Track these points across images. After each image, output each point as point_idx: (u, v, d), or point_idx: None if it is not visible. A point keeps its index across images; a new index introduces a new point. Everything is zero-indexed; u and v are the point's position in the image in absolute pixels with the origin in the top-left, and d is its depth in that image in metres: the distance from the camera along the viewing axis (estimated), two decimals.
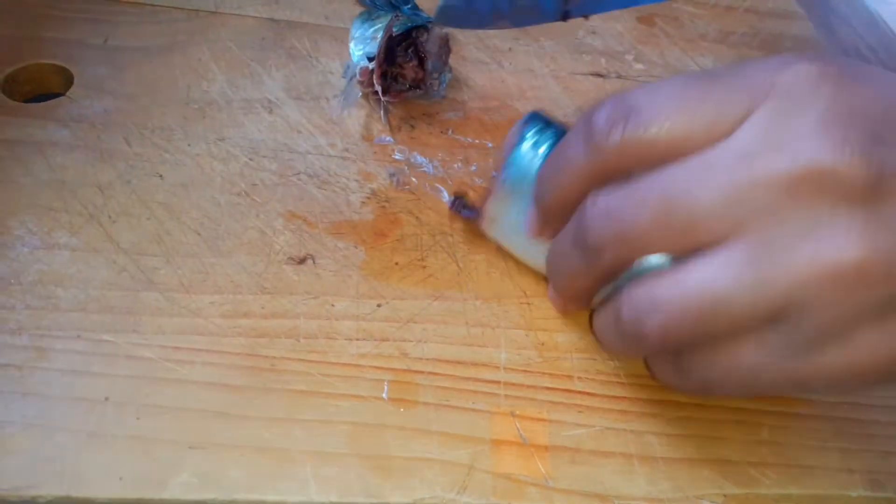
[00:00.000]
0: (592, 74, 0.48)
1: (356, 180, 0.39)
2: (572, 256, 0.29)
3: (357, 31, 0.43)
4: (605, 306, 0.29)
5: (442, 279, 0.35)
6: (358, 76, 0.41)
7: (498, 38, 0.49)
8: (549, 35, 0.50)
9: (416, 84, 0.42)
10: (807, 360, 0.25)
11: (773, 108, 0.25)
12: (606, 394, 0.33)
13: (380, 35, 0.41)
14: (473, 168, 0.40)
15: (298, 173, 0.38)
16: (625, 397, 0.33)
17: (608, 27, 0.52)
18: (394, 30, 0.40)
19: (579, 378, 0.33)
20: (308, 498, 0.28)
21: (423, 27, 0.42)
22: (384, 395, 0.31)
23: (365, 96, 0.42)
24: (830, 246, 0.23)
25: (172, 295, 0.32)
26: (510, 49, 0.48)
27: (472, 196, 0.37)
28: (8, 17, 0.43)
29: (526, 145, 0.32)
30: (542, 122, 0.33)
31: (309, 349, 0.32)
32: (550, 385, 0.32)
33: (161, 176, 0.37)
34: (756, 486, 0.31)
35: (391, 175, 0.39)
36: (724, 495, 0.30)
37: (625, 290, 0.27)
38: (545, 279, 0.36)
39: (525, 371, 0.33)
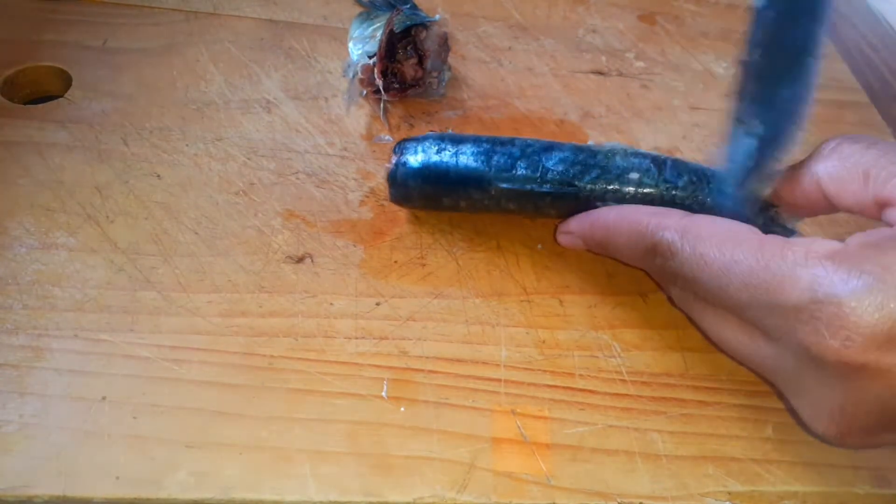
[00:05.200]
0: (593, 72, 0.48)
1: (355, 179, 0.38)
2: None
3: (356, 31, 0.43)
4: None
5: (441, 277, 0.35)
6: (360, 73, 0.41)
7: (497, 36, 0.49)
8: (549, 33, 0.50)
9: (416, 82, 0.42)
10: None
11: None
12: (608, 391, 0.32)
13: (379, 33, 0.40)
14: None
15: (297, 172, 0.38)
16: (627, 394, 0.32)
17: (609, 25, 0.51)
18: (394, 26, 0.40)
19: (581, 375, 0.32)
20: (306, 497, 0.28)
21: (423, 25, 0.42)
22: (383, 394, 0.31)
23: (365, 96, 0.42)
24: None
25: (170, 294, 0.32)
26: (510, 48, 0.48)
27: None
28: (7, 20, 0.43)
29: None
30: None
31: (307, 348, 0.31)
32: (552, 383, 0.32)
33: (159, 176, 0.37)
34: (761, 484, 0.30)
35: None
36: (729, 493, 0.30)
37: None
38: (546, 277, 0.35)
39: (526, 369, 0.32)
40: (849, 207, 0.29)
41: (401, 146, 0.36)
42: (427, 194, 0.35)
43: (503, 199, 0.34)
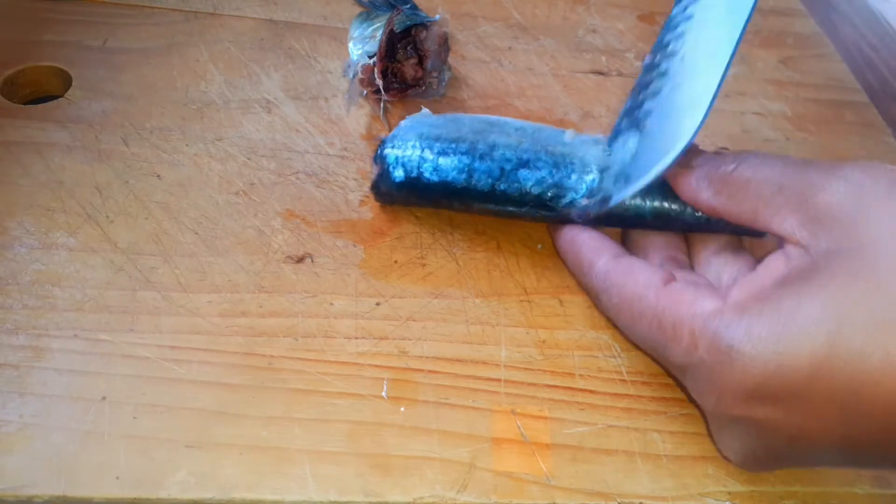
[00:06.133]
0: (593, 72, 0.48)
1: (355, 179, 0.38)
2: None
3: (356, 31, 0.43)
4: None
5: (441, 277, 0.35)
6: (360, 73, 0.41)
7: (497, 36, 0.49)
8: (550, 33, 0.50)
9: (416, 82, 0.42)
10: None
11: None
12: (608, 391, 0.32)
13: (379, 33, 0.40)
14: None
15: (297, 172, 0.38)
16: (627, 394, 0.32)
17: (609, 25, 0.51)
18: (394, 26, 0.40)
19: (581, 375, 0.32)
20: (306, 497, 0.28)
21: (423, 25, 0.42)
22: (383, 394, 0.31)
23: (366, 96, 0.42)
24: None
25: (170, 294, 0.32)
26: (510, 48, 0.48)
27: None
28: (7, 20, 0.43)
29: None
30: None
31: (307, 348, 0.31)
32: (552, 383, 0.32)
33: (159, 176, 0.37)
34: (761, 484, 0.30)
35: None
36: (729, 493, 0.30)
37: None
38: (546, 277, 0.36)
39: (526, 369, 0.32)
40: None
41: (382, 156, 0.36)
42: (410, 203, 0.37)
43: (484, 212, 0.36)
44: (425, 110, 0.38)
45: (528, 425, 0.31)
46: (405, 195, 0.36)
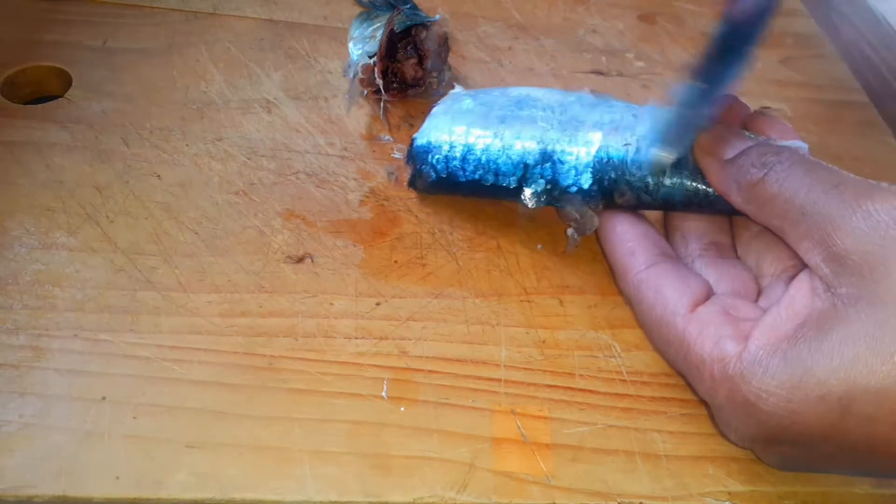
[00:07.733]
0: (593, 72, 0.48)
1: (355, 179, 0.38)
2: None
3: (356, 31, 0.43)
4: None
5: (441, 277, 0.35)
6: (360, 73, 0.41)
7: (497, 36, 0.49)
8: (549, 33, 0.50)
9: (416, 82, 0.42)
10: None
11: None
12: (609, 391, 0.32)
13: (379, 33, 0.41)
14: None
15: (297, 172, 0.38)
16: (627, 394, 0.32)
17: (609, 25, 0.51)
18: (394, 26, 0.40)
19: (581, 376, 0.32)
20: (306, 497, 0.28)
21: (423, 25, 0.42)
22: (383, 394, 0.31)
23: (366, 95, 0.42)
24: None
25: (170, 294, 0.32)
26: (510, 48, 0.48)
27: None
28: (7, 20, 0.43)
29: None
30: None
31: (307, 348, 0.31)
32: (552, 383, 0.32)
33: (159, 176, 0.37)
34: (761, 484, 0.30)
35: (390, 173, 0.39)
36: (729, 493, 0.30)
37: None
38: (546, 277, 0.36)
39: (526, 369, 0.32)
40: None
41: (412, 156, 0.37)
42: (449, 193, 0.38)
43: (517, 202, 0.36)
44: (458, 88, 0.39)
45: (528, 425, 0.31)
46: (441, 190, 0.37)
